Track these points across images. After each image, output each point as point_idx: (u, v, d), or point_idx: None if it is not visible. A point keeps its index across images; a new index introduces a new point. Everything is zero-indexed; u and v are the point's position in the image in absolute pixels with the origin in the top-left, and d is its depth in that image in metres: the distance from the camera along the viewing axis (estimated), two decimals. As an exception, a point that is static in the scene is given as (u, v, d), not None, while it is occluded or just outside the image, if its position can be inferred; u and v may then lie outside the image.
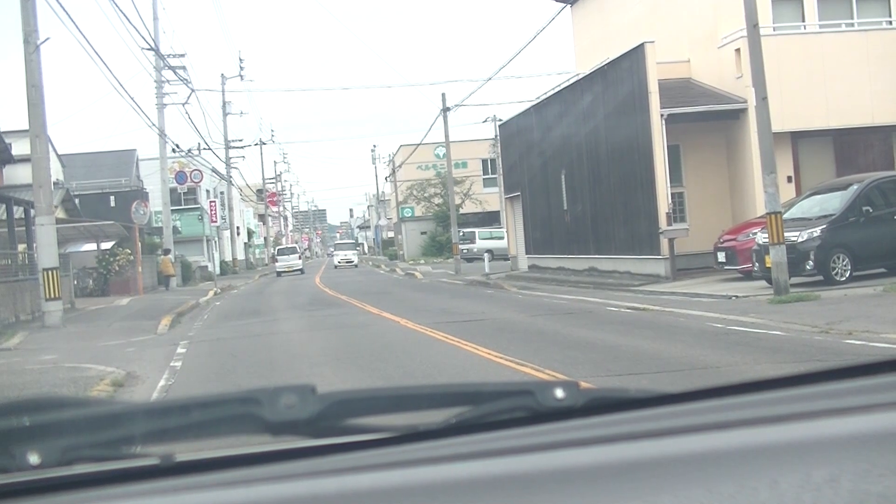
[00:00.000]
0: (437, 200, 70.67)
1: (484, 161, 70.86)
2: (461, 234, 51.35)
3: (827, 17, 27.00)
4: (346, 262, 69.00)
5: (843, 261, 19.07)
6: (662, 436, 1.30)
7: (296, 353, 14.60)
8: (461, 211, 59.93)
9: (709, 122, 26.17)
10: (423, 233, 73.74)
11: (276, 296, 33.96)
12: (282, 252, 61.98)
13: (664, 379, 9.81)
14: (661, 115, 24.88)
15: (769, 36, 24.07)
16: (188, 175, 51.60)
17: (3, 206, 27.89)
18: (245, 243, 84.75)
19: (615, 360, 11.48)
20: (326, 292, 33.17)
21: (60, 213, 32.83)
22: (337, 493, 1.23)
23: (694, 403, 1.43)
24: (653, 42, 25.41)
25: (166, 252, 43.65)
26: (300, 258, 63.16)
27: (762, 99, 18.27)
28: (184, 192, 56.04)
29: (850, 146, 26.75)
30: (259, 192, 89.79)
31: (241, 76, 66.65)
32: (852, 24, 27.09)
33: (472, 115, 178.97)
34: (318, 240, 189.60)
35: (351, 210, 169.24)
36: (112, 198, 47.74)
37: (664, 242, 24.60)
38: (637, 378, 9.94)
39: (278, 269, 57.75)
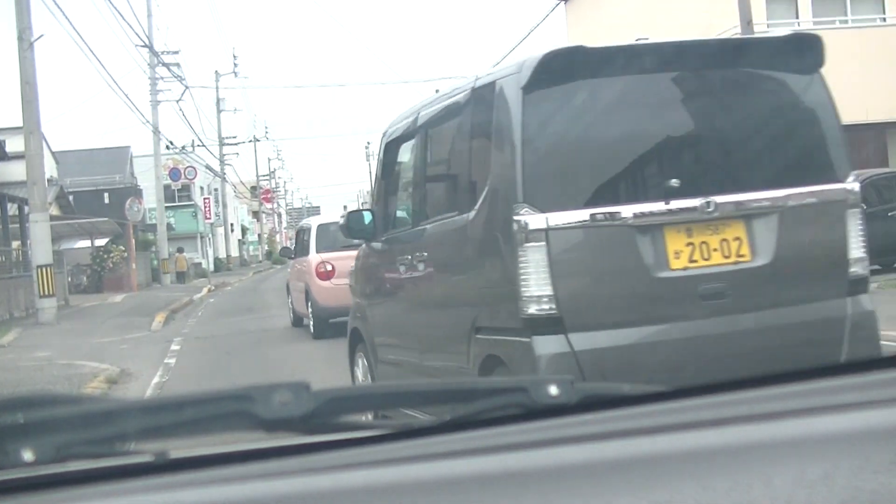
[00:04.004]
0: (431, 197, 70.74)
1: (478, 158, 70.90)
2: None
3: (821, 14, 27.03)
4: None
5: (837, 258, 19.06)
6: (656, 432, 1.30)
7: (290, 349, 14.59)
8: (456, 208, 59.83)
9: (703, 119, 26.15)
10: (417, 229, 73.85)
11: (270, 293, 33.88)
12: None
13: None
14: (656, 112, 24.88)
15: (763, 33, 24.09)
16: (182, 172, 51.43)
17: (-3, 202, 27.86)
18: (239, 240, 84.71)
19: (609, 356, 11.46)
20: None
21: (54, 210, 32.74)
22: (331, 489, 1.23)
23: (688, 400, 1.43)
24: (647, 39, 25.39)
25: (180, 250, 46.31)
26: None
27: (756, 96, 18.28)
28: (178, 189, 55.76)
29: (843, 143, 26.77)
30: (253, 188, 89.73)
31: (236, 73, 66.44)
32: (846, 21, 27.13)
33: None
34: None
35: (345, 207, 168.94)
36: (106, 195, 47.65)
37: (658, 239, 24.57)
38: (631, 375, 9.93)
39: None
